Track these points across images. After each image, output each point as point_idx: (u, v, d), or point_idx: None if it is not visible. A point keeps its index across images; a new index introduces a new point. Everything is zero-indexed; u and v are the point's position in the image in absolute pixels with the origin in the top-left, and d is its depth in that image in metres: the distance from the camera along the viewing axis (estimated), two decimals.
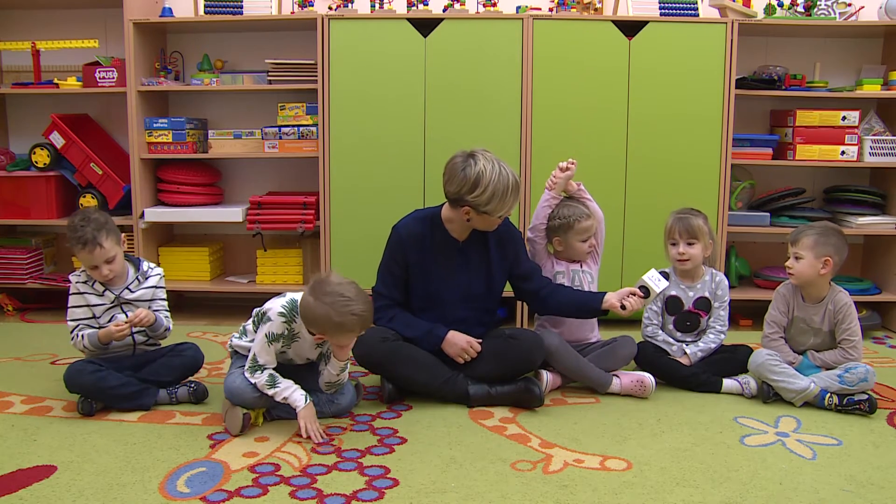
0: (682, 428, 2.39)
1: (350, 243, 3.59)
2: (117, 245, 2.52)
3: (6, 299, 3.82)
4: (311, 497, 1.90)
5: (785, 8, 3.73)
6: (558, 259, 2.87)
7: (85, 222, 2.47)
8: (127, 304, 2.57)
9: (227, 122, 3.91)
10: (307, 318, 2.27)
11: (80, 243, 2.46)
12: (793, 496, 1.93)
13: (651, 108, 3.53)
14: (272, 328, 2.32)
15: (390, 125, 3.53)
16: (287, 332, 2.34)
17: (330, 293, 2.21)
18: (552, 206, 2.82)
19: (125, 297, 2.57)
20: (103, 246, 2.46)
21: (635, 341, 2.82)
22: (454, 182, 2.50)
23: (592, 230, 2.82)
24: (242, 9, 3.66)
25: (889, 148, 3.61)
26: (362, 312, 2.23)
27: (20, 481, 1.97)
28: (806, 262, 2.62)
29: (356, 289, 2.26)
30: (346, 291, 2.22)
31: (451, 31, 3.49)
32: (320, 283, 2.25)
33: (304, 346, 2.40)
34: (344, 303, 2.20)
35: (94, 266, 2.49)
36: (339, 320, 2.20)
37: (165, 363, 2.60)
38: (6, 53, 3.91)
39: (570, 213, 2.81)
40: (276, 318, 2.32)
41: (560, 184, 2.79)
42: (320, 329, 2.27)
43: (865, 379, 2.53)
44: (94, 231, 2.46)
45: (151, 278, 2.64)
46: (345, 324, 2.22)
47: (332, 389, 2.44)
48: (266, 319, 2.34)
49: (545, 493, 1.94)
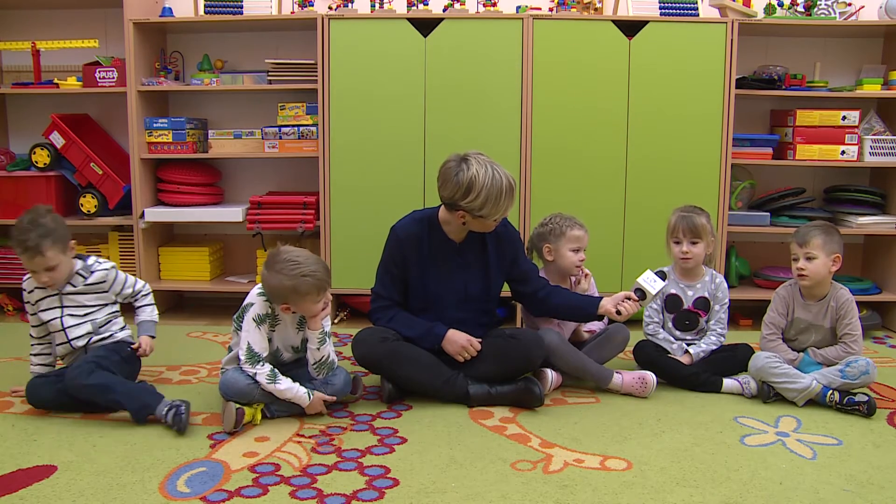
0: (682, 428, 2.39)
1: (350, 243, 3.59)
2: (62, 254, 2.45)
3: (6, 299, 3.82)
4: (311, 497, 1.90)
5: (785, 8, 3.73)
6: (548, 274, 2.85)
7: (32, 226, 2.40)
8: (67, 297, 2.54)
9: (227, 122, 3.91)
10: (267, 291, 2.39)
11: (21, 247, 2.40)
12: (793, 496, 1.93)
13: (651, 107, 3.53)
14: (256, 310, 2.39)
15: (390, 125, 3.53)
16: (270, 312, 2.41)
17: (280, 261, 2.34)
18: None
19: (64, 291, 2.54)
20: (45, 255, 2.40)
21: (627, 329, 2.83)
22: (448, 187, 2.50)
23: (584, 241, 2.81)
24: (242, 9, 3.66)
25: (889, 148, 3.61)
26: (313, 272, 2.33)
27: (20, 481, 1.97)
28: (819, 261, 2.63)
29: (307, 254, 2.38)
30: (294, 257, 2.34)
31: (451, 31, 3.49)
32: (272, 255, 2.38)
33: (286, 330, 2.46)
34: (293, 266, 2.32)
35: (34, 271, 2.46)
36: (291, 283, 2.31)
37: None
38: (6, 53, 3.91)
39: (562, 220, 2.82)
40: (256, 299, 2.40)
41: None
42: (281, 298, 2.37)
43: (867, 372, 2.54)
44: (39, 238, 2.38)
45: (97, 273, 2.57)
46: (299, 286, 2.31)
47: (322, 371, 2.47)
48: (248, 306, 2.41)
49: (545, 493, 1.94)
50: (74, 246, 2.54)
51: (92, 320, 2.59)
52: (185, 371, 2.91)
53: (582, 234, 2.81)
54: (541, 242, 2.86)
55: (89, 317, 2.59)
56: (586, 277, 2.89)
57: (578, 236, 2.80)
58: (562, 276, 2.85)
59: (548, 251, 2.84)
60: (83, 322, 2.58)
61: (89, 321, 2.59)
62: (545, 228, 2.85)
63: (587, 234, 2.84)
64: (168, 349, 3.14)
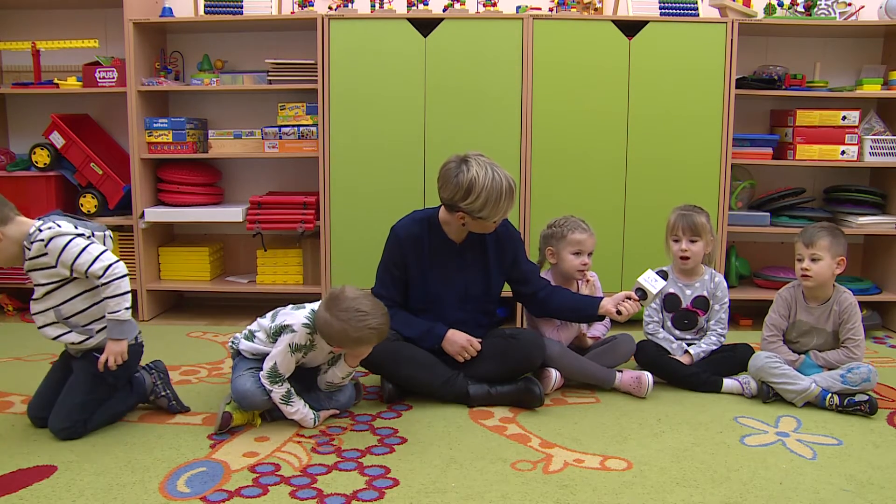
0: (682, 428, 2.39)
1: (350, 243, 3.59)
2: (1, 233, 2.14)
3: (6, 299, 3.82)
4: (311, 497, 1.90)
5: (785, 8, 3.73)
6: (553, 276, 2.84)
7: None
8: (30, 273, 2.21)
9: (227, 122, 3.91)
10: (324, 333, 2.29)
11: None
12: (793, 496, 1.93)
13: (651, 108, 3.53)
14: (296, 339, 2.32)
15: (390, 125, 3.53)
16: (309, 343, 2.35)
17: (346, 309, 2.23)
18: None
19: (24, 269, 2.21)
20: None
21: (634, 340, 2.82)
22: (447, 188, 2.50)
23: (587, 246, 2.78)
24: (242, 9, 3.66)
25: (889, 148, 3.61)
26: (379, 325, 2.26)
27: (20, 481, 1.97)
28: (825, 263, 2.62)
29: (371, 301, 2.28)
30: (361, 306, 2.24)
31: (451, 31, 3.49)
32: (335, 299, 2.26)
33: (319, 355, 2.42)
34: (360, 318, 2.23)
35: None
36: (356, 336, 2.24)
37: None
38: (6, 53, 3.91)
39: (566, 223, 2.79)
40: (300, 330, 2.32)
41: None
42: (338, 343, 2.30)
43: (868, 379, 2.53)
44: None
45: (35, 244, 2.14)
46: (362, 338, 2.26)
47: (331, 389, 2.46)
48: (290, 331, 2.33)
49: (545, 493, 1.94)
50: (14, 216, 2.18)
51: (55, 308, 2.21)
52: (185, 371, 2.91)
53: (584, 238, 2.77)
54: (545, 244, 2.86)
55: (48, 301, 2.21)
56: (587, 284, 2.85)
57: (579, 240, 2.77)
58: (565, 278, 2.85)
59: (550, 254, 2.83)
60: (46, 310, 2.22)
61: (52, 309, 2.21)
62: (550, 231, 2.83)
63: (592, 237, 2.79)
64: (168, 349, 3.15)
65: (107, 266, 2.14)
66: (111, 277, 2.15)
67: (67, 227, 2.17)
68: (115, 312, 2.18)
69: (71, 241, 2.14)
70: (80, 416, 2.23)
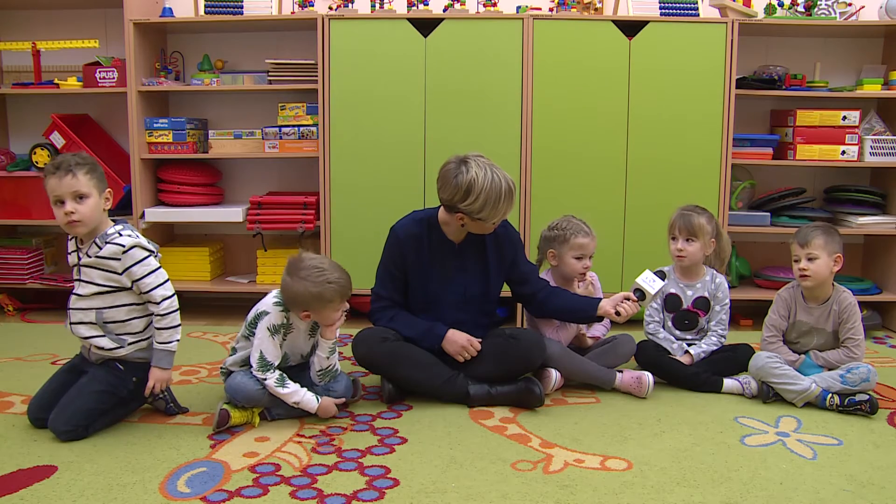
0: (682, 428, 2.39)
1: (350, 243, 3.59)
2: (95, 189, 2.19)
3: (6, 299, 3.82)
4: (311, 497, 1.90)
5: (785, 8, 3.73)
6: (553, 277, 2.84)
7: (70, 155, 2.21)
8: (83, 268, 2.23)
9: (228, 122, 3.91)
10: (288, 297, 2.35)
11: (54, 166, 2.16)
12: (793, 496, 1.93)
13: (651, 107, 3.53)
14: (272, 320, 2.36)
15: (390, 125, 3.53)
16: (285, 321, 2.39)
17: (304, 268, 2.32)
18: None
19: (80, 262, 2.23)
20: (76, 175, 2.14)
21: (634, 340, 2.82)
22: (447, 189, 2.50)
23: (590, 250, 2.79)
24: (242, 9, 3.66)
25: (889, 148, 3.61)
26: (338, 279, 2.33)
27: (20, 481, 1.97)
28: (822, 261, 2.62)
29: (329, 261, 2.38)
30: (319, 264, 2.33)
31: (452, 31, 3.49)
32: (294, 262, 2.35)
33: (299, 337, 2.44)
34: (318, 273, 2.31)
35: (60, 200, 2.16)
36: (317, 291, 2.29)
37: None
38: (6, 53, 3.91)
39: (568, 226, 2.79)
40: (273, 310, 2.37)
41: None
42: (303, 305, 2.34)
43: (867, 379, 2.53)
44: (75, 162, 2.17)
45: (110, 246, 2.19)
46: (323, 293, 2.30)
47: (325, 378, 2.47)
48: (263, 314, 2.38)
49: (545, 493, 1.94)
50: (111, 196, 2.25)
51: (98, 310, 2.24)
52: (186, 371, 2.91)
53: (586, 242, 2.78)
54: (546, 246, 2.85)
55: (94, 302, 2.24)
56: (586, 286, 2.85)
57: (582, 244, 2.77)
58: (566, 280, 2.85)
59: (552, 256, 2.83)
60: (88, 309, 2.25)
61: (95, 310, 2.24)
62: (552, 233, 2.83)
63: (594, 240, 2.80)
64: None
65: (167, 297, 2.26)
66: (169, 310, 2.26)
67: (143, 240, 2.26)
68: (168, 343, 2.29)
69: (147, 259, 2.24)
70: (83, 422, 2.24)
